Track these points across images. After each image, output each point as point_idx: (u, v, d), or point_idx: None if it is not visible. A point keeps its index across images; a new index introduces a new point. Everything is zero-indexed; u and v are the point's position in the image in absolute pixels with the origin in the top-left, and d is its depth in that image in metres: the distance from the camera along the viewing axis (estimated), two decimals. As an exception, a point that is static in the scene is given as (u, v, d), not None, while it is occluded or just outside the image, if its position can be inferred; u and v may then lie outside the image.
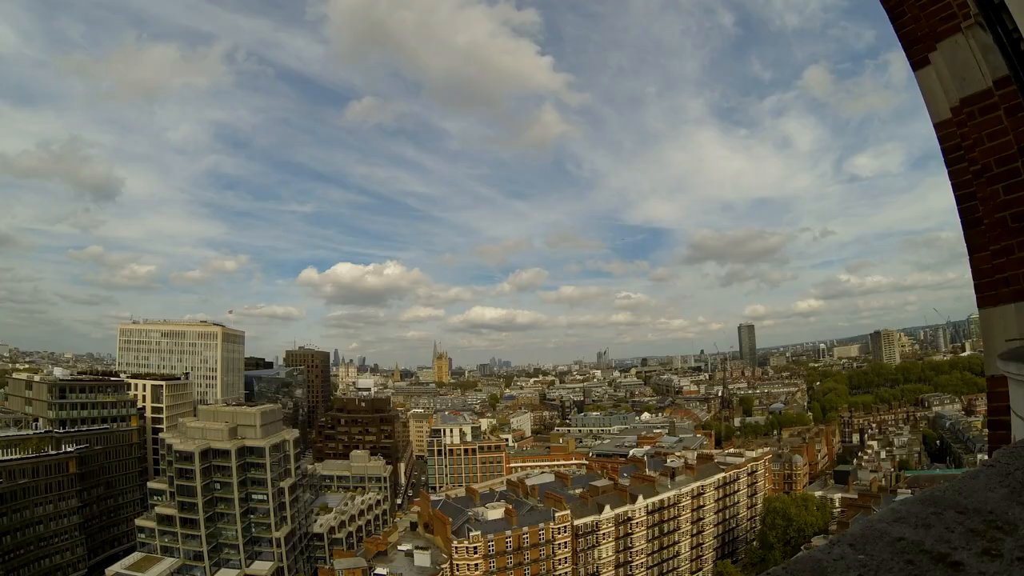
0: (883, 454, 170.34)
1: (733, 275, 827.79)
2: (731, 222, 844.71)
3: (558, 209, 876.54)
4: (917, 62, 5.71)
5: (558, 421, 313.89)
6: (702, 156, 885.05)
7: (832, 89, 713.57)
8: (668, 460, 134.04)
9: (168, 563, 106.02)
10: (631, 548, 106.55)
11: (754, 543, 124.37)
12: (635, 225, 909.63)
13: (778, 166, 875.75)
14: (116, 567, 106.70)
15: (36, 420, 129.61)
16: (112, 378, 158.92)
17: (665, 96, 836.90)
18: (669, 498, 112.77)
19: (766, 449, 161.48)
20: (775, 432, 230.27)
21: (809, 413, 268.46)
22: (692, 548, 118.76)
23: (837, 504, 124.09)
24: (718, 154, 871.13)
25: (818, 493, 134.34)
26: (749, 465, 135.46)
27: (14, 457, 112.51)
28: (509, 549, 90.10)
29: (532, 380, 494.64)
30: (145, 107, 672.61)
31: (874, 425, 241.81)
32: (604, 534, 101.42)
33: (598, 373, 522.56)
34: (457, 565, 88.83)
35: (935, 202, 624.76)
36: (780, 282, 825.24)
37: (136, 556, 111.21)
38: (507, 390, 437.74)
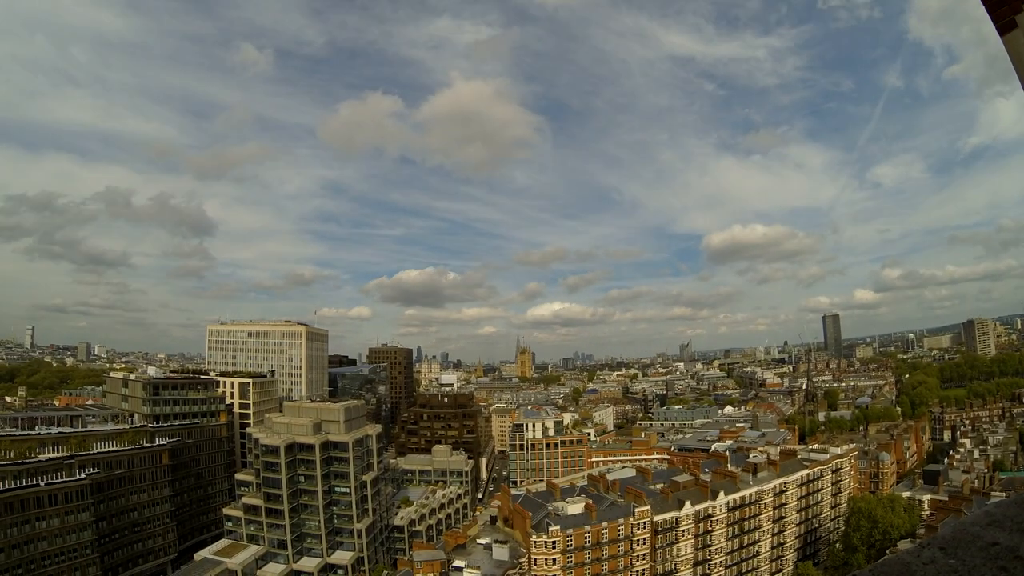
0: (976, 453, 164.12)
1: (772, 273, 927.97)
2: (772, 227, 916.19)
3: (610, 224, 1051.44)
4: (1003, 26, 5.43)
5: (640, 415, 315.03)
6: (728, 178, 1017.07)
7: (820, 125, 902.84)
8: (750, 455, 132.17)
9: (253, 550, 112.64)
10: (710, 546, 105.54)
11: (837, 545, 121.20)
12: (681, 233, 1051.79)
13: (801, 181, 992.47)
14: (204, 552, 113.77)
15: (132, 415, 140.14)
16: (202, 376, 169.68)
17: (677, 141, 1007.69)
18: (750, 495, 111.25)
19: (852, 446, 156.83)
20: (861, 428, 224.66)
21: (897, 408, 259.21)
22: (772, 548, 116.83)
23: (926, 506, 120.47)
24: (741, 175, 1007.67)
25: (906, 494, 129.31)
26: (834, 462, 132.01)
27: (112, 449, 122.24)
28: (587, 544, 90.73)
29: (615, 374, 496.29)
30: (271, 170, 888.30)
31: (967, 422, 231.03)
32: (683, 531, 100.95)
33: (681, 366, 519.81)
34: (535, 560, 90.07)
35: (973, 200, 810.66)
36: (823, 277, 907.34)
37: (223, 543, 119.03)
38: (590, 384, 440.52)
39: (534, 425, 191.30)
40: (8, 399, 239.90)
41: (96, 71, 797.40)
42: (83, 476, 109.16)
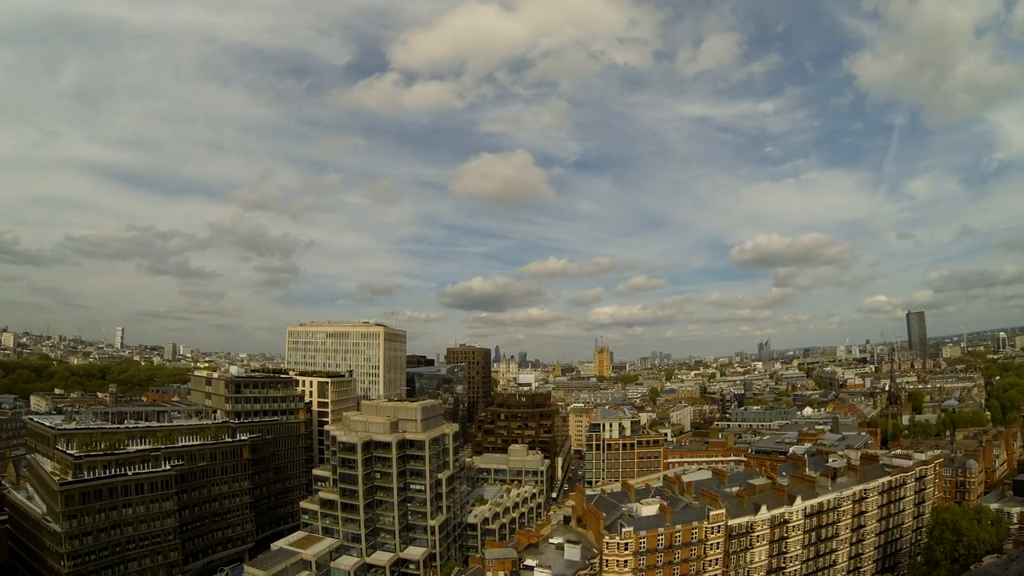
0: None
1: (829, 276, 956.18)
2: (816, 235, 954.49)
3: (665, 240, 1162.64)
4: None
5: (717, 415, 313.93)
6: (765, 200, 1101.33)
7: (838, 156, 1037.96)
8: (830, 459, 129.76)
9: (328, 542, 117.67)
10: (785, 553, 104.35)
11: (918, 558, 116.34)
12: (730, 244, 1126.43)
13: (835, 197, 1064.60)
14: (281, 542, 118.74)
15: (215, 412, 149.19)
16: (281, 375, 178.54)
17: (710, 176, 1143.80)
18: (829, 501, 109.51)
19: (937, 452, 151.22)
20: (947, 433, 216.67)
21: (987, 412, 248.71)
22: (850, 558, 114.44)
23: (1015, 519, 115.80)
24: (777, 197, 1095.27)
25: (994, 505, 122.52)
26: (917, 469, 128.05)
27: (195, 443, 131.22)
28: (660, 547, 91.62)
29: (692, 373, 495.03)
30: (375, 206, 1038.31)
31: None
32: (758, 536, 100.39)
33: (759, 365, 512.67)
34: (606, 561, 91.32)
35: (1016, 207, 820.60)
36: (874, 278, 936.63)
37: (299, 534, 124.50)
38: (667, 383, 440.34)
39: (611, 425, 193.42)
40: (100, 395, 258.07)
41: (240, 143, 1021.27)
42: (168, 467, 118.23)
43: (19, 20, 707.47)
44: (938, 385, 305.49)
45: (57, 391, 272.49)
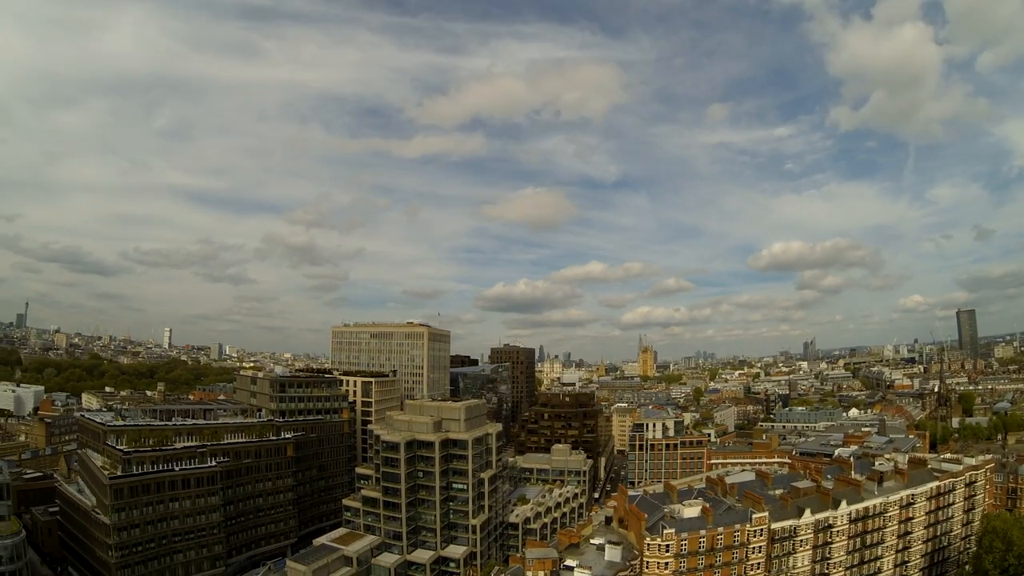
0: None
1: (862, 279, 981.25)
2: (843, 240, 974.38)
3: (699, 247, 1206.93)
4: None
5: (762, 416, 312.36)
6: (791, 210, 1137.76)
7: (857, 170, 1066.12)
8: (876, 463, 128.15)
9: (369, 540, 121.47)
10: (828, 559, 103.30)
11: (967, 567, 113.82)
12: (763, 250, 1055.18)
13: (858, 206, 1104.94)
14: (323, 539, 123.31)
15: (259, 410, 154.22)
16: (325, 375, 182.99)
17: (736, 191, 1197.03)
18: (875, 506, 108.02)
19: (988, 456, 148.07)
20: (999, 436, 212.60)
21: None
22: (896, 566, 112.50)
23: None
24: (803, 207, 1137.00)
25: None
26: (967, 475, 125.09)
27: (240, 440, 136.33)
28: (702, 549, 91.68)
29: (737, 373, 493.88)
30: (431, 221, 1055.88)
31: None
32: (801, 541, 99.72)
33: (804, 365, 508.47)
34: (647, 562, 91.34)
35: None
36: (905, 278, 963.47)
37: (341, 531, 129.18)
38: (711, 383, 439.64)
39: (654, 425, 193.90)
40: (148, 393, 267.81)
41: (311, 170, 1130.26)
42: (214, 464, 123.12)
43: (122, 75, 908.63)
44: (989, 387, 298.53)
45: (108, 389, 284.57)
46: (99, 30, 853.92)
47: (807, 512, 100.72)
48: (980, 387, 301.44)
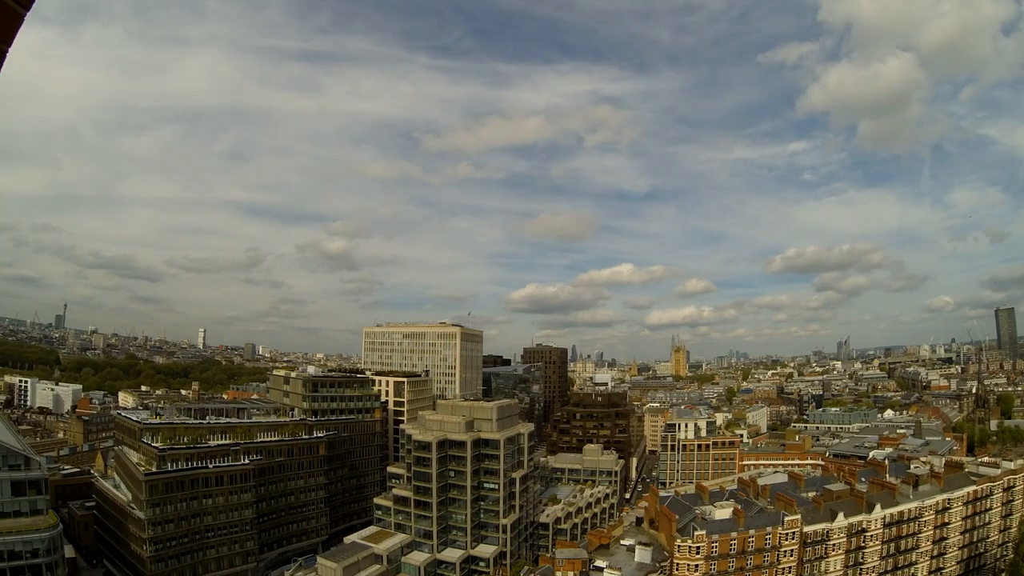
0: None
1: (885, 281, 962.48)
2: (866, 243, 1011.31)
3: (725, 251, 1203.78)
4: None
5: (795, 416, 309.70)
6: (813, 216, 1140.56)
7: (873, 178, 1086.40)
8: (911, 466, 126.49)
9: (399, 538, 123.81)
10: (861, 564, 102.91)
11: (1003, 575, 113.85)
12: (788, 254, 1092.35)
13: (878, 210, 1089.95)
14: (354, 536, 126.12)
15: (292, 409, 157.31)
16: (357, 375, 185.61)
17: (758, 201, 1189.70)
18: (910, 510, 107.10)
19: None
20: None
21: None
22: (930, 573, 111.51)
23: None
24: (824, 213, 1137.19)
25: None
26: (1006, 479, 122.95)
27: (273, 439, 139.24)
28: (733, 552, 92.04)
29: (770, 372, 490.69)
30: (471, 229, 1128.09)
31: None
32: (834, 545, 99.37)
33: (838, 364, 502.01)
34: (677, 564, 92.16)
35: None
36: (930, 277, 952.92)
37: (372, 529, 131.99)
38: (744, 383, 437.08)
39: (686, 425, 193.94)
40: (184, 392, 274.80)
41: (362, 185, 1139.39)
42: (247, 461, 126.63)
43: (191, 106, 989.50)
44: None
45: (143, 388, 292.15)
46: (174, 69, 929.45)
47: (840, 516, 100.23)
48: (1020, 388, 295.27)
